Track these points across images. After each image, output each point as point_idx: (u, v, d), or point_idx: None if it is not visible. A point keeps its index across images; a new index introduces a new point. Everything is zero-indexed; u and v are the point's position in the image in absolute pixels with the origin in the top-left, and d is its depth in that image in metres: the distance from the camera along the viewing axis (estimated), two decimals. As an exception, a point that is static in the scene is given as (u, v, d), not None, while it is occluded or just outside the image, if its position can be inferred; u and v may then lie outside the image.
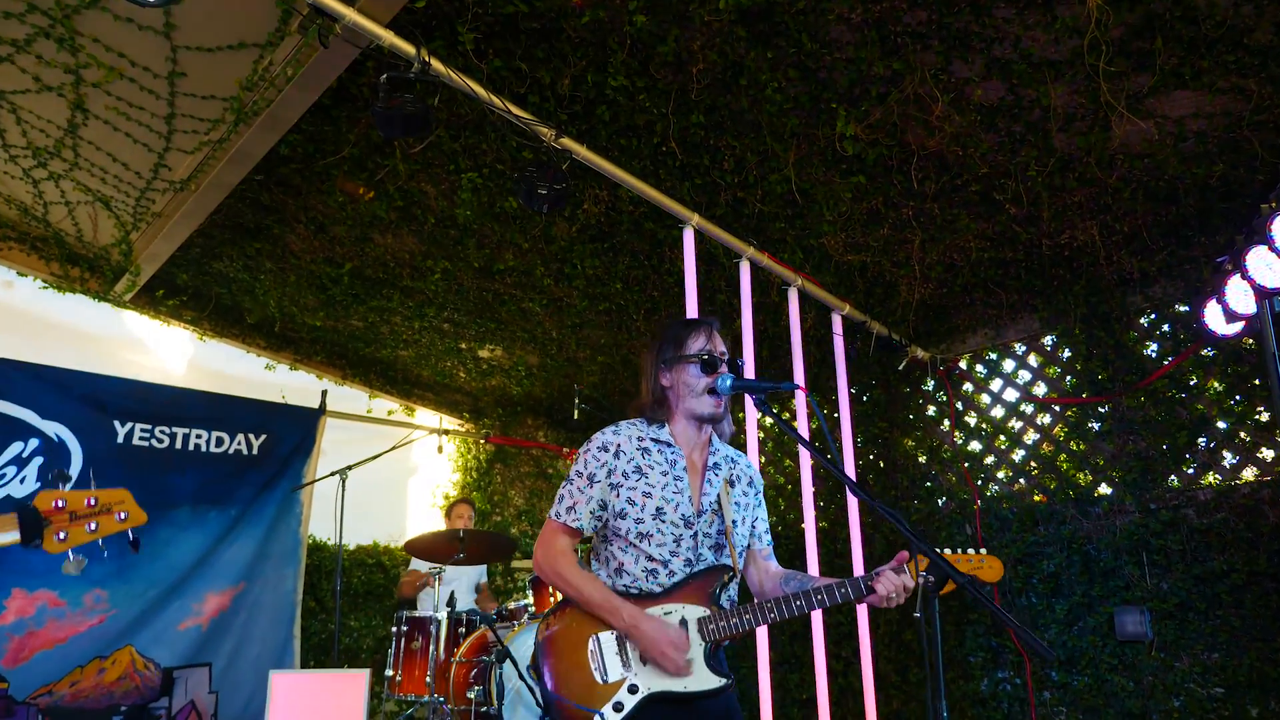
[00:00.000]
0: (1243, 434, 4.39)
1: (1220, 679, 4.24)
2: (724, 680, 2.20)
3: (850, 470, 4.81)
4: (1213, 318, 4.14)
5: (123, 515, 2.02)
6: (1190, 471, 4.52)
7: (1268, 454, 4.33)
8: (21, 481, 5.42)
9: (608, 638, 2.22)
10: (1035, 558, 4.91)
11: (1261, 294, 3.61)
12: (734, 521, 2.39)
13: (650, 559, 2.27)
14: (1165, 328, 4.69)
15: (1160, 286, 4.68)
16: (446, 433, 7.65)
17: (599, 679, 2.18)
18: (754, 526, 2.49)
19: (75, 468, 5.61)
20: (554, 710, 2.20)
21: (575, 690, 2.19)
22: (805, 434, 4.69)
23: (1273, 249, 3.50)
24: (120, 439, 5.84)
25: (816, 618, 4.38)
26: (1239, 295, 3.85)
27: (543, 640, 2.27)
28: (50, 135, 4.16)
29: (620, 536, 2.31)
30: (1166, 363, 4.60)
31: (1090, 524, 4.76)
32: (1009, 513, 5.05)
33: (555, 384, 7.24)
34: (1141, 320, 4.79)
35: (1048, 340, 5.16)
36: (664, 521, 2.29)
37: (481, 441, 7.74)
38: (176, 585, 5.91)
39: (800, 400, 4.77)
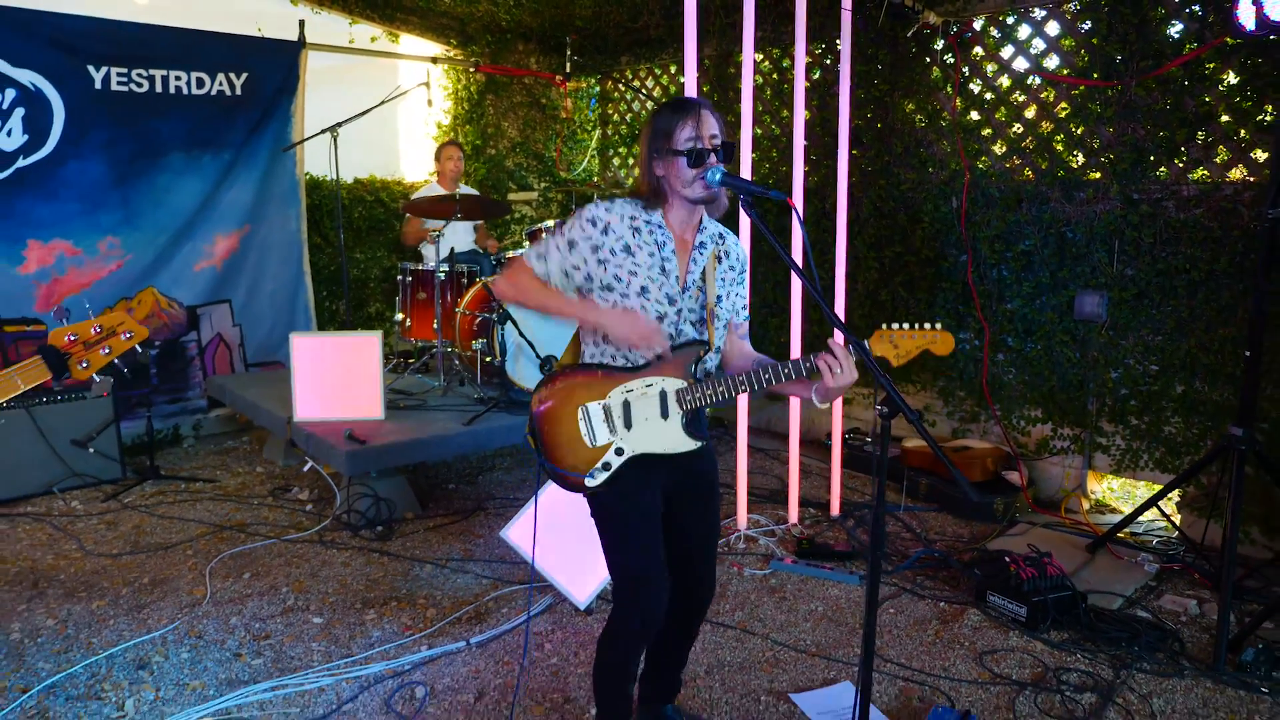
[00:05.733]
0: (1243, 131, 4.32)
1: (1158, 360, 4.65)
2: (700, 443, 2.50)
3: (844, 126, 4.74)
4: (1245, 14, 3.86)
5: (128, 334, 2.19)
6: (1180, 165, 4.52)
7: (1261, 155, 4.31)
8: (9, 135, 5.37)
9: (595, 407, 2.49)
10: (1013, 236, 5.08)
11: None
12: (718, 297, 2.54)
13: None
14: (1196, 7, 4.37)
15: (1202, -40, 4.28)
16: (436, 60, 7.34)
17: (588, 443, 2.49)
18: (734, 303, 2.65)
19: (58, 121, 5.52)
20: (551, 475, 2.54)
21: (567, 456, 2.51)
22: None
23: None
24: (98, 85, 5.66)
25: (796, 249, 4.64)
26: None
27: (536, 412, 2.55)
28: None
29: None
30: (1188, 50, 4.36)
31: (1072, 208, 4.86)
32: (995, 190, 5.11)
33: (546, 14, 6.81)
34: (1173, -5, 4.45)
35: (1071, 7, 4.82)
36: (648, 299, 2.44)
37: (471, 71, 7.45)
38: (184, 230, 6.13)
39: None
